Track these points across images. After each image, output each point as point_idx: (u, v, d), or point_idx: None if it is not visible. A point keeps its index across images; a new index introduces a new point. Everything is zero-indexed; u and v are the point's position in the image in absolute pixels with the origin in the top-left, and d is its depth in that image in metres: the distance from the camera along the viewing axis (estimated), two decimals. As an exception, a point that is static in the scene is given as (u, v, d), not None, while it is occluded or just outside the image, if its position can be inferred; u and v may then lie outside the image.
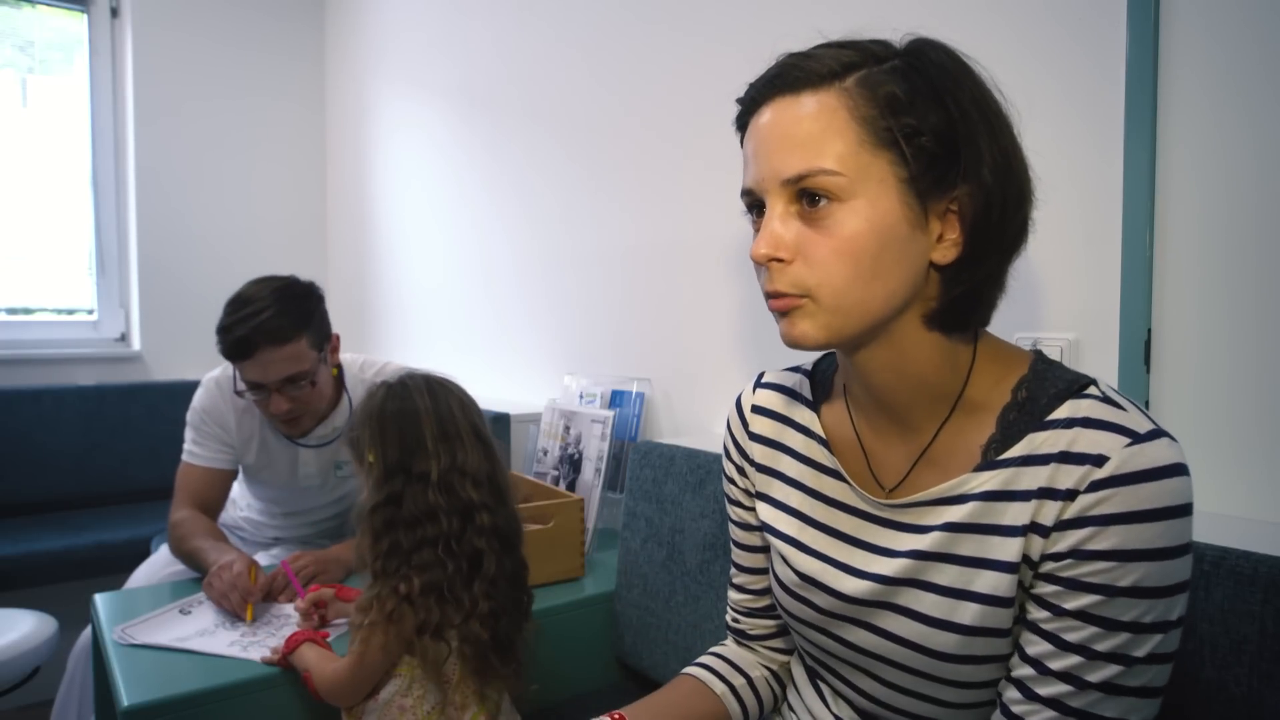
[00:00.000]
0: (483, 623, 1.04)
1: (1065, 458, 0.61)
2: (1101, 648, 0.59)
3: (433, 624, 1.03)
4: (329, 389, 1.57)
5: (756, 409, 0.85)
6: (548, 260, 2.08)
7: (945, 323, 0.67)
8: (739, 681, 0.87)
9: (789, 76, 0.65)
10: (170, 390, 2.72)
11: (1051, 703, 0.61)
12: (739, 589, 0.90)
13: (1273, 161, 0.89)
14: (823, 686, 0.82)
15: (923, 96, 0.63)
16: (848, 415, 0.77)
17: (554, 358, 2.07)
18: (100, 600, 1.36)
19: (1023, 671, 0.63)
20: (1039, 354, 0.69)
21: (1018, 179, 0.65)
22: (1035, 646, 0.62)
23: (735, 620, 0.92)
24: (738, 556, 0.90)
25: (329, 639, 1.18)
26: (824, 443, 0.78)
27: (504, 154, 2.23)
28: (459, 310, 2.48)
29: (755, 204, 0.68)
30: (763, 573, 0.87)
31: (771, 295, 0.66)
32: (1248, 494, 0.92)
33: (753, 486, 0.85)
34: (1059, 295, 1.07)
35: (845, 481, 0.75)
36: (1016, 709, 0.63)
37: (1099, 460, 0.59)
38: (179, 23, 2.91)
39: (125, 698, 1.04)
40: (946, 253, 0.65)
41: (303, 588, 1.36)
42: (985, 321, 0.70)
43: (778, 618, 0.88)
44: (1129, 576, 0.58)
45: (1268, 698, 0.71)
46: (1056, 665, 0.61)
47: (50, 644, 1.85)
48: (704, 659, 0.91)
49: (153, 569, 1.68)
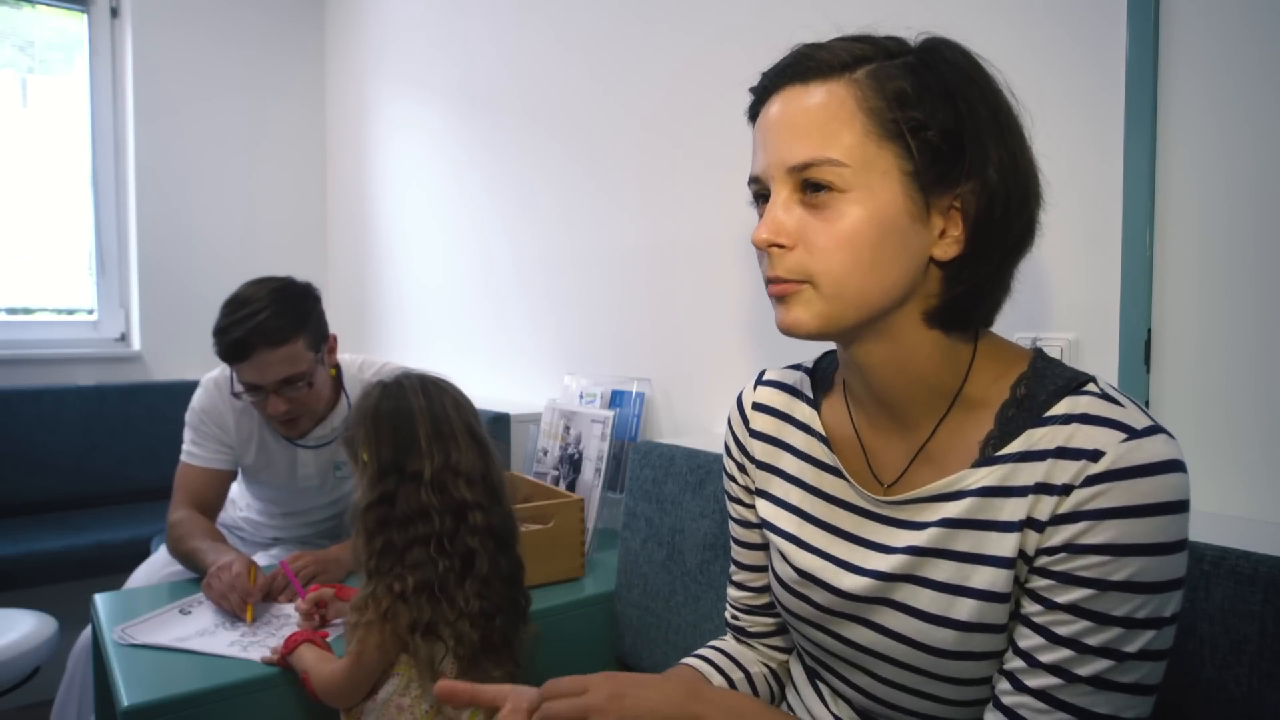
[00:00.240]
0: (473, 623, 1.04)
1: (1062, 453, 0.61)
2: (1093, 641, 0.59)
3: (424, 623, 1.03)
4: (327, 390, 1.56)
5: (758, 406, 0.85)
6: (548, 260, 2.08)
7: (946, 321, 0.67)
8: (737, 675, 0.87)
9: (801, 66, 0.66)
10: (170, 390, 2.72)
11: (1040, 695, 0.61)
12: (739, 586, 0.91)
13: (1273, 161, 0.89)
14: (821, 686, 0.82)
15: (932, 93, 0.63)
16: (847, 412, 0.77)
17: (554, 358, 2.07)
18: (100, 600, 1.36)
19: (1014, 664, 0.63)
20: (1039, 352, 0.69)
21: (1024, 180, 0.65)
22: (1027, 639, 0.62)
23: (735, 617, 0.92)
24: (738, 554, 0.90)
25: (328, 639, 1.18)
26: (824, 440, 0.78)
27: (504, 154, 2.23)
28: (459, 310, 2.48)
29: (762, 193, 0.69)
30: (762, 570, 0.87)
31: (771, 280, 0.67)
32: (1248, 494, 0.92)
33: (753, 483, 0.85)
34: (1059, 295, 1.07)
35: (844, 478, 0.75)
36: (1006, 700, 0.63)
37: (1095, 455, 0.59)
38: (179, 23, 2.91)
39: (125, 698, 1.04)
40: (948, 249, 0.65)
41: (302, 588, 1.36)
42: (989, 322, 0.70)
43: (777, 616, 0.88)
44: (1122, 571, 0.58)
45: (1268, 698, 0.71)
46: (1046, 658, 0.61)
47: (50, 644, 1.85)
48: (703, 651, 0.91)
49: (152, 569, 1.68)
